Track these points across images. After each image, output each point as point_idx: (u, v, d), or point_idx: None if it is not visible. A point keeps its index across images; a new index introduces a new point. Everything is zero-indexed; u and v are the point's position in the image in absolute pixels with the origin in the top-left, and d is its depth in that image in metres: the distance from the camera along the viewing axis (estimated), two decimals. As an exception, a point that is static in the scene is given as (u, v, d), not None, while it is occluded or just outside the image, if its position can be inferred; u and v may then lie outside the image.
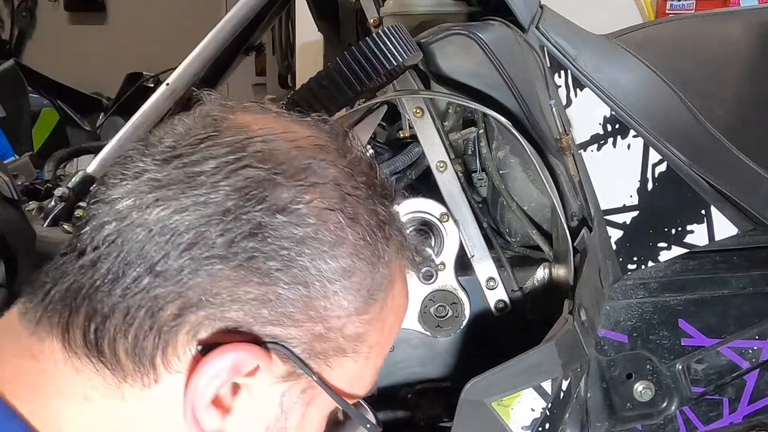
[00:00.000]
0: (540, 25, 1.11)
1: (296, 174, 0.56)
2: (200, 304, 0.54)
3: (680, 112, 1.18)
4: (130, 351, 0.54)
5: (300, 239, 0.55)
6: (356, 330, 0.58)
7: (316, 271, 0.56)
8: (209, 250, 0.54)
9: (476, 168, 1.22)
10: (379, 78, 1.04)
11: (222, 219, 0.54)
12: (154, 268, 0.54)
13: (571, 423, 1.12)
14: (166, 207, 0.54)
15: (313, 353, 0.57)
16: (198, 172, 0.55)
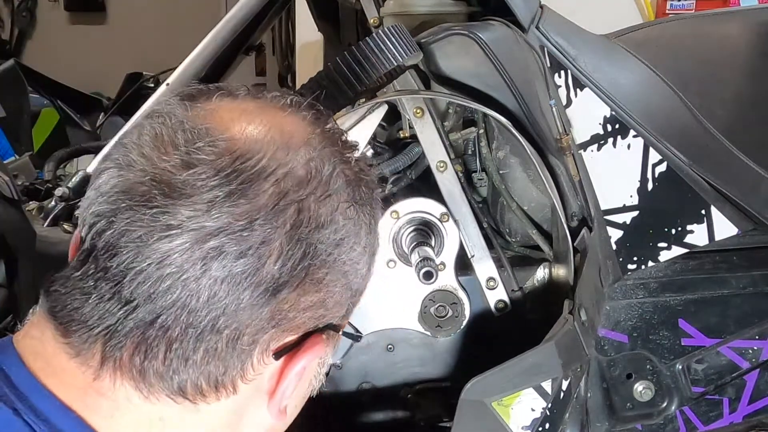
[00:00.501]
0: (540, 25, 1.11)
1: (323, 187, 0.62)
2: (270, 325, 0.60)
3: (680, 112, 1.18)
4: (212, 382, 0.60)
5: (338, 242, 0.63)
6: (364, 285, 0.68)
7: (350, 261, 0.64)
8: (274, 282, 0.59)
9: (476, 168, 1.22)
10: (379, 78, 1.04)
11: (281, 251, 0.59)
12: (225, 311, 0.58)
13: (571, 423, 1.12)
14: (225, 255, 0.57)
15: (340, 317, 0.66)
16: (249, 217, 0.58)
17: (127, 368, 0.58)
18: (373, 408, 1.23)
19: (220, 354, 0.59)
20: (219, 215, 0.57)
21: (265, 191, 0.59)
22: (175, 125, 0.60)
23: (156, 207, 0.57)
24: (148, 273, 0.57)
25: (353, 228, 0.64)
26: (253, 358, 0.61)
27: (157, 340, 0.58)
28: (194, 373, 0.59)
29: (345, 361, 1.21)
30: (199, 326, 0.58)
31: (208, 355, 0.59)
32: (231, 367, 0.60)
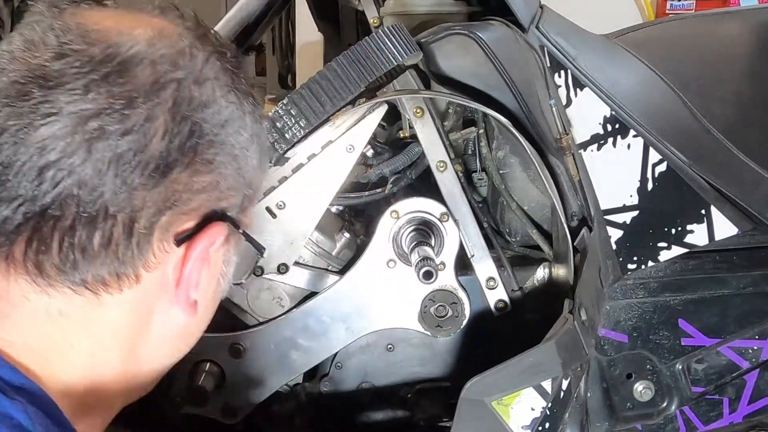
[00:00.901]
0: (540, 25, 1.11)
1: (200, 70, 0.63)
2: (166, 207, 0.60)
3: (680, 112, 1.18)
4: (113, 270, 0.60)
5: (223, 123, 0.64)
6: (259, 179, 0.70)
7: (239, 145, 0.65)
8: (163, 161, 0.59)
9: (476, 168, 1.22)
10: (379, 78, 1.04)
11: (166, 128, 0.59)
12: (117, 193, 0.58)
13: (571, 422, 1.11)
14: (109, 135, 0.57)
15: (240, 211, 0.68)
16: (128, 95, 0.58)
17: (20, 264, 0.58)
18: (373, 408, 1.24)
19: (118, 240, 0.59)
20: (97, 97, 0.57)
21: (142, 71, 0.59)
22: (45, 28, 0.60)
23: (33, 99, 0.57)
24: (30, 164, 0.56)
25: (237, 112, 0.65)
26: (153, 244, 0.61)
27: (49, 231, 0.57)
28: (94, 263, 0.59)
29: (345, 361, 1.21)
30: (90, 213, 0.57)
31: (105, 242, 0.58)
32: (131, 254, 0.60)
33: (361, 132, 1.12)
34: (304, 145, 1.07)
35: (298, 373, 1.18)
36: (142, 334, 0.64)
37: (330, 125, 1.07)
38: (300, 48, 3.71)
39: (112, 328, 0.62)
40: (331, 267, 1.20)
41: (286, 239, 1.14)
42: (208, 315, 0.70)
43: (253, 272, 1.15)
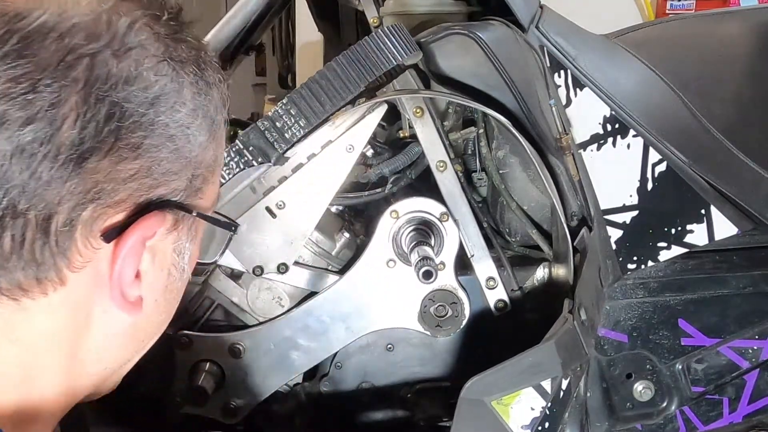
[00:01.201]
0: (540, 25, 1.11)
1: (121, 40, 0.55)
2: (87, 200, 0.54)
3: (680, 112, 1.18)
4: (30, 274, 0.54)
5: (152, 101, 0.56)
6: (212, 156, 0.63)
7: (175, 123, 0.58)
8: (77, 149, 0.53)
9: (476, 168, 1.22)
10: (379, 78, 1.04)
11: (78, 113, 0.52)
12: (24, 189, 0.52)
13: (571, 422, 1.11)
14: (9, 124, 0.51)
15: (189, 194, 0.61)
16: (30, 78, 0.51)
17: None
18: (372, 408, 1.24)
19: (32, 241, 0.53)
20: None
21: (47, 48, 0.52)
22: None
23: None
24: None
25: (171, 86, 0.58)
26: (77, 241, 0.55)
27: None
28: (5, 267, 0.53)
29: (345, 360, 1.21)
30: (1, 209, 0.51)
31: (17, 244, 0.53)
32: (50, 255, 0.54)
33: (361, 132, 1.12)
34: (304, 144, 1.07)
35: (298, 373, 1.18)
36: (82, 336, 0.59)
37: (330, 125, 1.08)
38: (300, 48, 3.71)
39: (43, 335, 0.57)
40: (331, 267, 1.20)
41: (286, 239, 1.14)
42: (162, 309, 0.65)
43: (253, 272, 1.15)
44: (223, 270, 1.20)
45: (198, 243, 0.66)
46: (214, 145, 0.63)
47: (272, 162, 1.04)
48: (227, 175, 1.03)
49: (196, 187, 0.62)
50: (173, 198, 0.60)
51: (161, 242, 0.60)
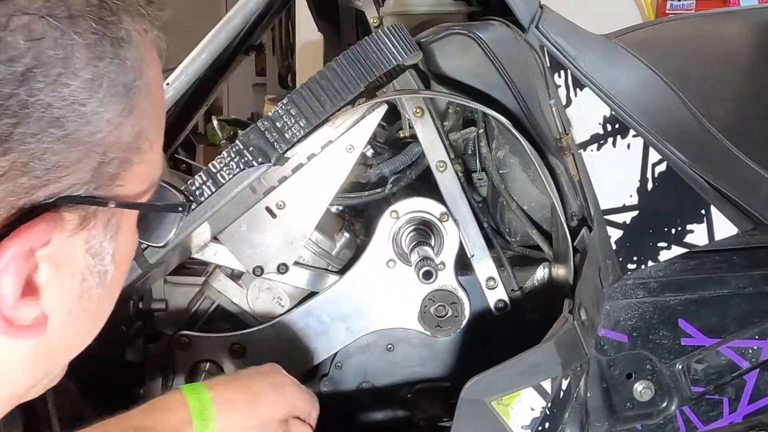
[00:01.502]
0: (540, 25, 1.11)
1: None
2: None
3: (680, 112, 1.18)
4: None
5: (22, 75, 0.44)
6: (131, 132, 0.51)
7: (61, 102, 0.46)
8: None
9: (476, 168, 1.22)
10: (379, 78, 1.04)
11: None
12: None
13: (571, 422, 1.11)
14: None
15: (100, 184, 0.49)
16: None
17: None
18: (373, 408, 1.23)
19: None
20: None
21: None
22: None
23: None
24: None
25: (54, 53, 0.45)
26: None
27: None
28: None
29: (345, 361, 1.21)
30: None
31: None
32: None
33: (361, 132, 1.12)
34: (304, 145, 1.07)
35: (297, 373, 1.18)
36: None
37: (330, 125, 1.07)
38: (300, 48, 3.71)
39: None
40: (331, 267, 1.20)
41: (286, 239, 1.14)
42: (81, 321, 0.54)
43: (253, 272, 1.15)
44: (223, 270, 1.20)
45: (129, 234, 0.55)
46: (134, 117, 0.50)
47: (272, 162, 1.04)
48: (227, 175, 1.03)
49: (109, 174, 0.50)
50: (74, 193, 0.48)
51: (64, 247, 0.49)
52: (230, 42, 1.34)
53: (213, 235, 1.14)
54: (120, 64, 0.49)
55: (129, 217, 0.54)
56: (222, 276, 1.20)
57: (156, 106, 0.54)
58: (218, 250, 1.15)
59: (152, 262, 1.05)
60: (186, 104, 1.60)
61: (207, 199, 1.03)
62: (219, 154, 1.04)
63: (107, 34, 0.48)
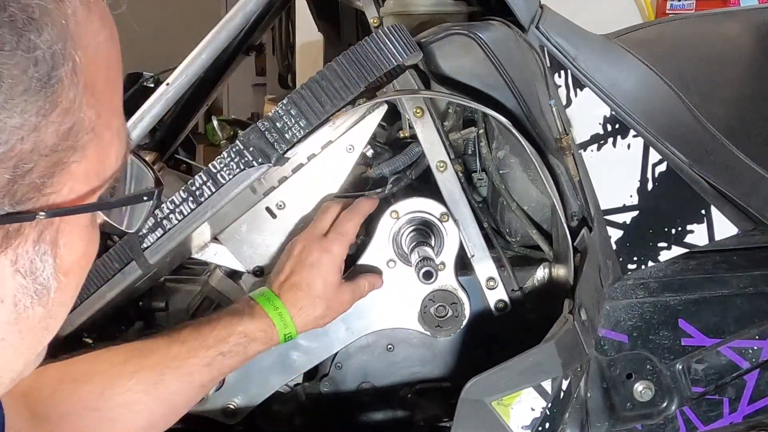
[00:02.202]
0: (540, 25, 1.11)
1: None
2: None
3: (680, 112, 1.18)
4: None
5: None
6: (57, 131, 0.42)
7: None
8: None
9: (476, 168, 1.22)
10: (379, 78, 1.04)
11: None
12: None
13: (571, 423, 1.11)
14: None
15: (20, 199, 0.42)
16: None
17: None
18: (373, 408, 1.23)
19: None
20: None
21: None
22: None
23: None
24: None
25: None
26: None
27: None
28: None
29: (345, 361, 1.21)
30: None
31: None
32: None
33: (361, 132, 1.12)
34: (304, 145, 1.07)
35: (298, 373, 1.18)
36: None
37: (330, 125, 1.07)
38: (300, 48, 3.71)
39: None
40: (331, 267, 1.20)
41: (286, 239, 1.14)
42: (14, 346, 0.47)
43: (254, 273, 1.15)
44: (223, 270, 1.20)
45: (78, 237, 0.48)
46: (59, 112, 0.42)
47: (272, 162, 1.03)
48: (227, 175, 1.03)
49: (32, 184, 0.42)
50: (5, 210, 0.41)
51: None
52: (230, 42, 1.34)
53: (213, 235, 1.14)
54: (25, 55, 0.39)
55: (74, 221, 0.47)
56: (222, 276, 1.20)
57: (98, 88, 0.45)
58: (218, 250, 1.15)
59: (152, 262, 1.05)
60: (186, 104, 1.60)
61: (207, 200, 1.03)
62: (219, 154, 1.04)
63: (4, 18, 0.38)
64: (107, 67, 0.46)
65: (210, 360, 0.97)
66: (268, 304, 1.02)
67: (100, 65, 0.45)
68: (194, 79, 1.29)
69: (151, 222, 1.04)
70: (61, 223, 0.46)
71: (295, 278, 1.05)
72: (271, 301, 1.02)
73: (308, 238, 1.08)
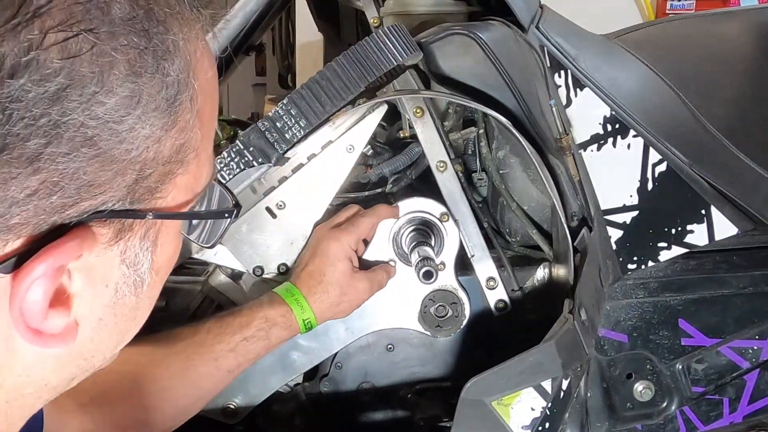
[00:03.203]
0: (540, 25, 1.11)
1: (5, 13, 0.41)
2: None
3: (680, 112, 1.18)
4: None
5: (55, 95, 0.42)
6: (173, 145, 0.49)
7: (95, 122, 0.44)
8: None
9: (476, 168, 1.22)
10: (379, 78, 1.04)
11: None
12: None
13: (571, 423, 1.11)
14: None
15: (137, 198, 0.48)
16: None
17: None
18: (373, 408, 1.23)
19: None
20: None
21: None
22: None
23: None
24: None
25: (88, 71, 0.43)
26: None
27: None
28: None
29: (345, 361, 1.21)
30: None
31: None
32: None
33: (361, 132, 1.12)
34: (304, 145, 1.07)
35: (298, 373, 1.18)
36: (5, 367, 0.50)
37: (330, 125, 1.07)
38: (300, 48, 3.71)
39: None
40: (331, 267, 1.20)
41: (286, 239, 1.14)
42: (112, 327, 0.53)
43: (253, 272, 1.15)
44: (223, 270, 1.20)
45: (171, 241, 0.55)
46: (176, 130, 0.49)
47: (272, 162, 1.04)
48: (227, 175, 1.03)
49: (148, 188, 0.49)
50: (108, 208, 0.47)
51: (99, 260, 0.49)
52: (230, 42, 1.34)
53: (213, 235, 1.14)
54: (161, 79, 0.47)
55: (170, 225, 0.54)
56: (222, 276, 1.20)
57: (204, 115, 0.52)
58: (218, 250, 1.15)
59: (152, 262, 1.05)
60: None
61: (207, 199, 1.03)
62: (219, 154, 1.04)
63: (150, 47, 0.46)
64: (212, 100, 0.54)
65: (234, 345, 1.01)
66: (286, 292, 1.07)
67: (208, 97, 0.53)
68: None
69: (151, 222, 1.04)
70: (162, 225, 0.53)
71: (309, 267, 1.09)
72: (288, 290, 1.07)
73: (322, 230, 1.12)
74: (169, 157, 0.49)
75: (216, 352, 1.00)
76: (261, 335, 1.03)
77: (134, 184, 0.48)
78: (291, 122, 1.03)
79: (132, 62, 0.45)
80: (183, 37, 0.48)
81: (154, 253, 0.53)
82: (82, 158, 0.44)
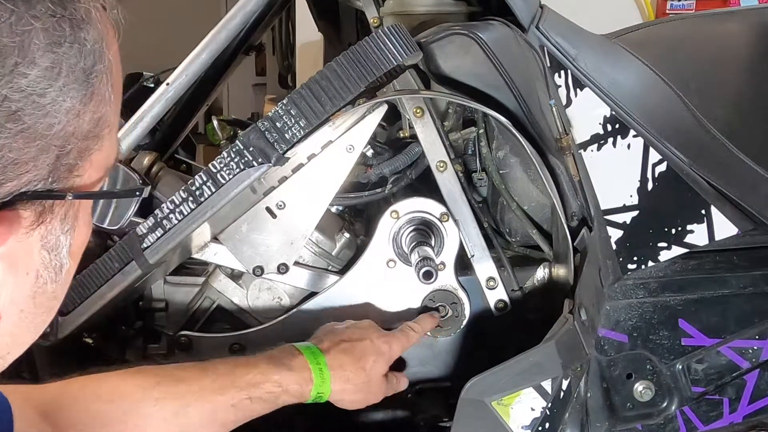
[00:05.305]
0: (540, 25, 1.11)
1: None
2: None
3: (680, 112, 1.18)
4: None
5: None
6: (91, 119, 0.48)
7: (18, 94, 0.42)
8: None
9: (476, 168, 1.22)
10: (379, 78, 1.04)
11: None
12: None
13: (571, 423, 1.11)
14: None
15: (57, 177, 0.47)
16: None
17: None
18: (373, 408, 1.23)
19: None
20: None
21: None
22: None
23: None
24: None
25: (8, 41, 0.42)
26: None
27: None
28: None
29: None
30: None
31: None
32: None
33: (361, 132, 1.12)
34: (304, 145, 1.07)
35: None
36: None
37: (330, 125, 1.07)
38: (300, 48, 3.71)
39: None
40: (331, 267, 1.20)
41: (286, 239, 1.14)
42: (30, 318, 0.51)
43: (253, 272, 1.15)
44: (223, 270, 1.20)
45: (86, 223, 0.53)
46: (94, 103, 0.47)
47: (272, 162, 1.03)
48: (227, 175, 1.03)
49: (68, 165, 0.47)
50: (31, 189, 0.45)
51: (20, 246, 0.46)
52: (230, 42, 1.34)
53: (213, 235, 1.14)
54: (80, 48, 0.45)
55: (86, 206, 0.52)
56: (222, 276, 1.20)
57: (116, 88, 0.50)
58: (218, 250, 1.15)
59: (152, 262, 1.05)
60: (186, 104, 1.60)
61: (207, 200, 1.03)
62: (219, 154, 1.04)
63: (66, 15, 0.44)
64: (118, 72, 0.51)
65: (237, 401, 0.95)
66: (312, 357, 1.01)
67: (117, 68, 0.51)
68: (194, 79, 1.29)
69: (151, 222, 1.04)
70: (80, 205, 0.51)
71: (347, 344, 1.04)
72: (315, 356, 1.01)
73: (373, 325, 1.10)
74: (87, 132, 0.47)
75: (216, 403, 0.94)
76: (269, 398, 0.98)
77: (56, 161, 0.46)
78: (291, 122, 1.02)
79: (50, 31, 0.43)
80: (93, 6, 0.47)
81: (72, 236, 0.51)
82: (7, 134, 0.42)
